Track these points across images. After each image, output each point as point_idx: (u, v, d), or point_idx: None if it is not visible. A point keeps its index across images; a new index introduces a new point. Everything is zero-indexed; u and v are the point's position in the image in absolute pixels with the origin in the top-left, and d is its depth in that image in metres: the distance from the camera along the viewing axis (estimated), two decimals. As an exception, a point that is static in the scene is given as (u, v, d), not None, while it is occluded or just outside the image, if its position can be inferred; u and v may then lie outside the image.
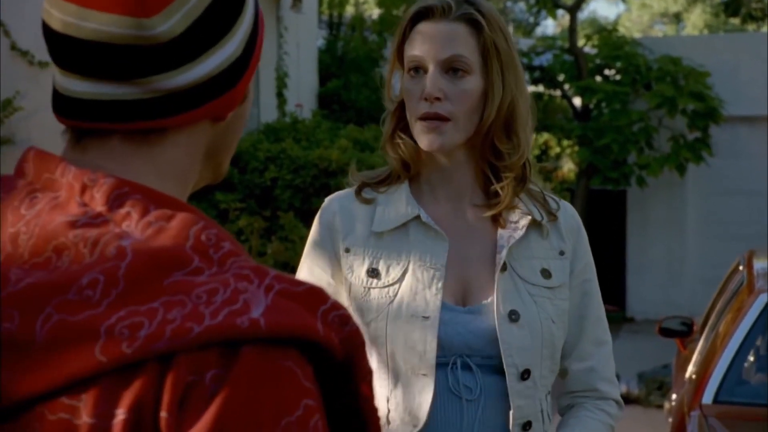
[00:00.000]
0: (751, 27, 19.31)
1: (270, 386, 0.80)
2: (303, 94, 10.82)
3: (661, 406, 7.26)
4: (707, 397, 4.02)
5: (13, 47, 7.45)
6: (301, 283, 0.84)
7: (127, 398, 0.79)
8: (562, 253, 1.79)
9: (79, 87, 0.90)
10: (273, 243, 7.95)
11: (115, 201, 0.86)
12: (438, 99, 1.70)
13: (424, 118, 1.71)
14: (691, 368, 4.59)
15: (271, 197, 8.27)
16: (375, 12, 14.80)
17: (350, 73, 11.49)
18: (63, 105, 0.92)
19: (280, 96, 10.01)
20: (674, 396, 4.84)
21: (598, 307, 1.84)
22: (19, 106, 7.29)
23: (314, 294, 0.84)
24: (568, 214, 1.83)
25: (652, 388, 8.26)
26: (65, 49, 0.90)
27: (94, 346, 0.79)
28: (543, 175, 12.66)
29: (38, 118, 6.89)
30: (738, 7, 13.05)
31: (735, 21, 19.91)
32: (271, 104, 10.05)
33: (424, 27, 1.73)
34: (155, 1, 0.87)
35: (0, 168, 6.68)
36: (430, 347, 1.68)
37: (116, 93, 0.89)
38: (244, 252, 0.86)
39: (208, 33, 0.90)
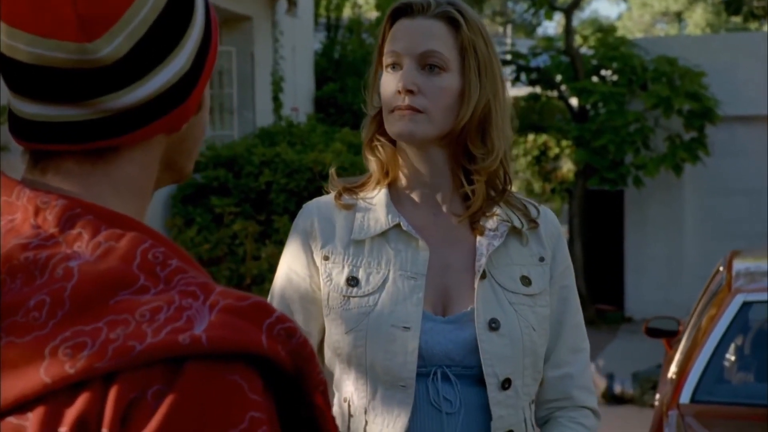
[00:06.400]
0: (753, 25, 19.29)
1: (213, 399, 0.81)
2: (299, 97, 10.87)
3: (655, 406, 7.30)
4: (685, 397, 4.05)
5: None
6: (246, 298, 0.85)
7: (71, 416, 0.81)
8: (542, 259, 1.77)
9: (29, 109, 0.92)
10: (268, 247, 8.00)
11: (66, 222, 0.88)
12: (411, 92, 1.68)
13: (398, 109, 1.69)
14: (672, 368, 4.62)
15: (266, 201, 8.32)
16: (373, 14, 14.84)
17: (347, 77, 11.52)
18: (18, 126, 0.94)
19: (276, 100, 10.06)
20: (657, 396, 4.88)
21: (575, 314, 1.82)
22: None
23: (259, 308, 0.85)
24: (548, 220, 1.81)
25: (646, 387, 8.30)
26: (13, 72, 0.92)
27: (39, 367, 0.81)
28: (542, 175, 12.70)
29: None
30: (739, 6, 13.02)
31: (737, 20, 19.88)
32: (267, 108, 10.10)
33: (402, 24, 1.73)
34: (97, 26, 0.89)
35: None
36: (410, 358, 1.66)
37: (65, 114, 0.91)
38: (194, 268, 0.88)
39: (154, 51, 0.91)
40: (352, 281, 1.72)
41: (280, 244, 7.96)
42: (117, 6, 0.90)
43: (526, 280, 1.74)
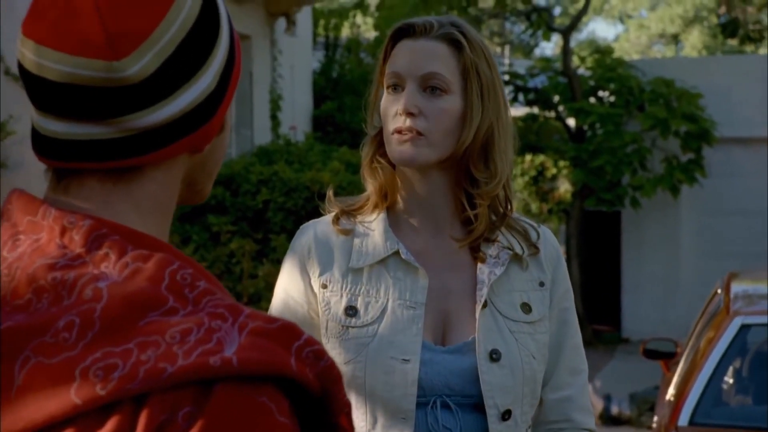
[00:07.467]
0: (749, 48, 19.36)
1: (243, 421, 0.81)
2: (297, 116, 10.88)
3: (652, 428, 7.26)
4: (683, 419, 4.04)
5: (7, 72, 7.52)
6: (275, 320, 0.86)
7: None
8: (542, 284, 1.76)
9: (54, 126, 0.92)
10: (265, 265, 7.99)
11: (93, 242, 0.88)
12: (412, 114, 1.66)
13: (398, 132, 1.67)
14: (670, 390, 4.61)
15: (263, 220, 8.30)
16: (371, 34, 14.88)
17: (345, 96, 11.54)
18: (41, 144, 0.94)
19: (274, 118, 10.06)
20: (656, 418, 4.86)
21: (574, 335, 1.81)
22: (12, 130, 7.34)
23: (288, 331, 0.86)
24: (548, 242, 1.80)
25: (643, 408, 8.27)
26: (39, 90, 0.92)
27: (69, 389, 0.81)
28: (539, 196, 12.70)
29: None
30: (736, 29, 13.04)
31: (733, 42, 19.96)
32: (265, 127, 10.10)
33: (404, 44, 1.71)
34: (125, 44, 0.89)
35: (-8, 191, 6.72)
36: (410, 390, 1.65)
37: (90, 133, 0.91)
38: (220, 290, 0.89)
39: (181, 70, 0.92)
40: (351, 311, 1.70)
41: (278, 263, 7.93)
42: (146, 24, 0.90)
43: (526, 307, 1.73)
